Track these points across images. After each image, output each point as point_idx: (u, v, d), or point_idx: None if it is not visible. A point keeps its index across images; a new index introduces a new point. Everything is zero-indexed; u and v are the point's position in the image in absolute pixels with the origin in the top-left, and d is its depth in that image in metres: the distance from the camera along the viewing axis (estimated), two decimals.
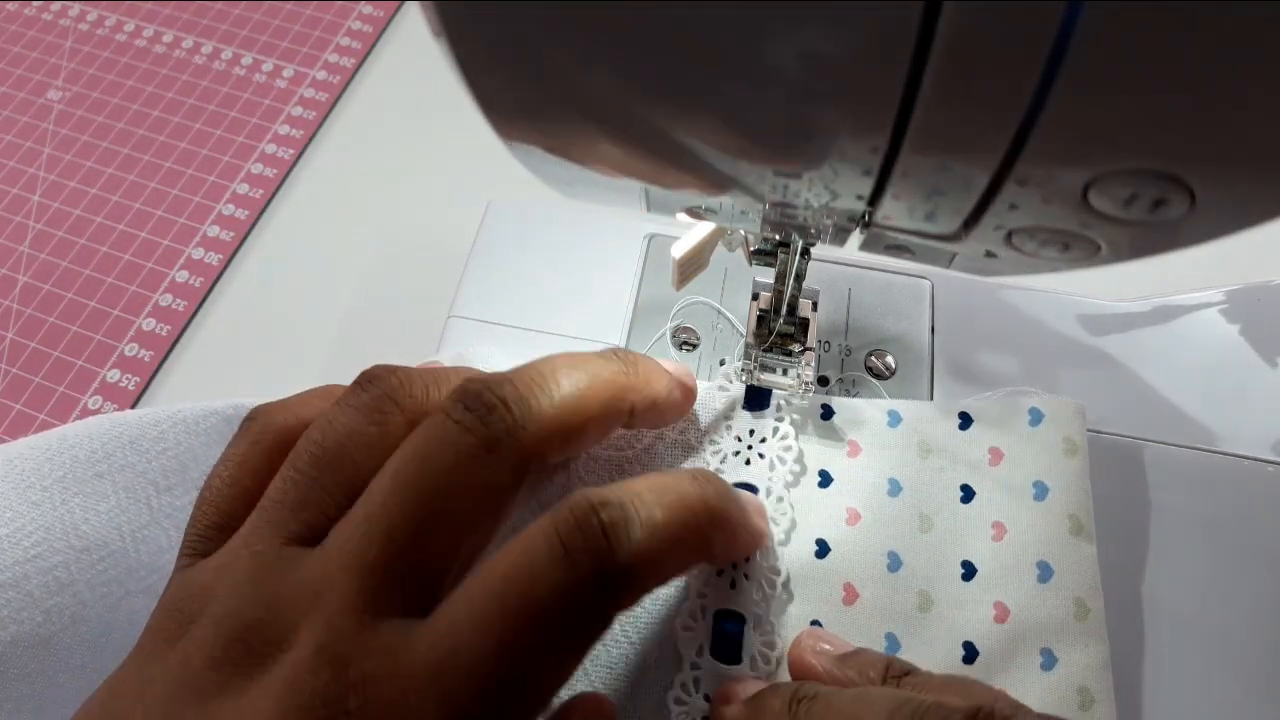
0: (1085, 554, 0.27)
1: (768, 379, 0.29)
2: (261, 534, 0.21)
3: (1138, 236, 0.16)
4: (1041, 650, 0.25)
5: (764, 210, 0.21)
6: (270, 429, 0.23)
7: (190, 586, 0.21)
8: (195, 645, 0.19)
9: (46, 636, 0.24)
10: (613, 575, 0.19)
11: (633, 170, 0.19)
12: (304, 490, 0.21)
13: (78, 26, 0.50)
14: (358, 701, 0.18)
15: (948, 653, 0.25)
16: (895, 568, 0.27)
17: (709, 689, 0.24)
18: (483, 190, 0.38)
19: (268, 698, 0.18)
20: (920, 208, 0.18)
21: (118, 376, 0.38)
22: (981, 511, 0.27)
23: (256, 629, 0.19)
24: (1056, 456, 0.28)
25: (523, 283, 0.35)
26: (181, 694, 0.19)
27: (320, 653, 0.18)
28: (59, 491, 0.26)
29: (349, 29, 0.49)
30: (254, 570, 0.20)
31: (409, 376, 0.22)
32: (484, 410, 0.20)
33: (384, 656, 0.18)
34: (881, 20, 0.12)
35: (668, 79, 0.15)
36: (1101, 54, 0.12)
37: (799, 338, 0.29)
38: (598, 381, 0.23)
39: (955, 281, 0.34)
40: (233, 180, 0.44)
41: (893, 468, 0.28)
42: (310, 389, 0.25)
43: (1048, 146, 0.14)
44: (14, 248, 0.42)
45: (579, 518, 0.20)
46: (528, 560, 0.19)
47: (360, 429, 0.21)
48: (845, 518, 0.27)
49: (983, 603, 0.26)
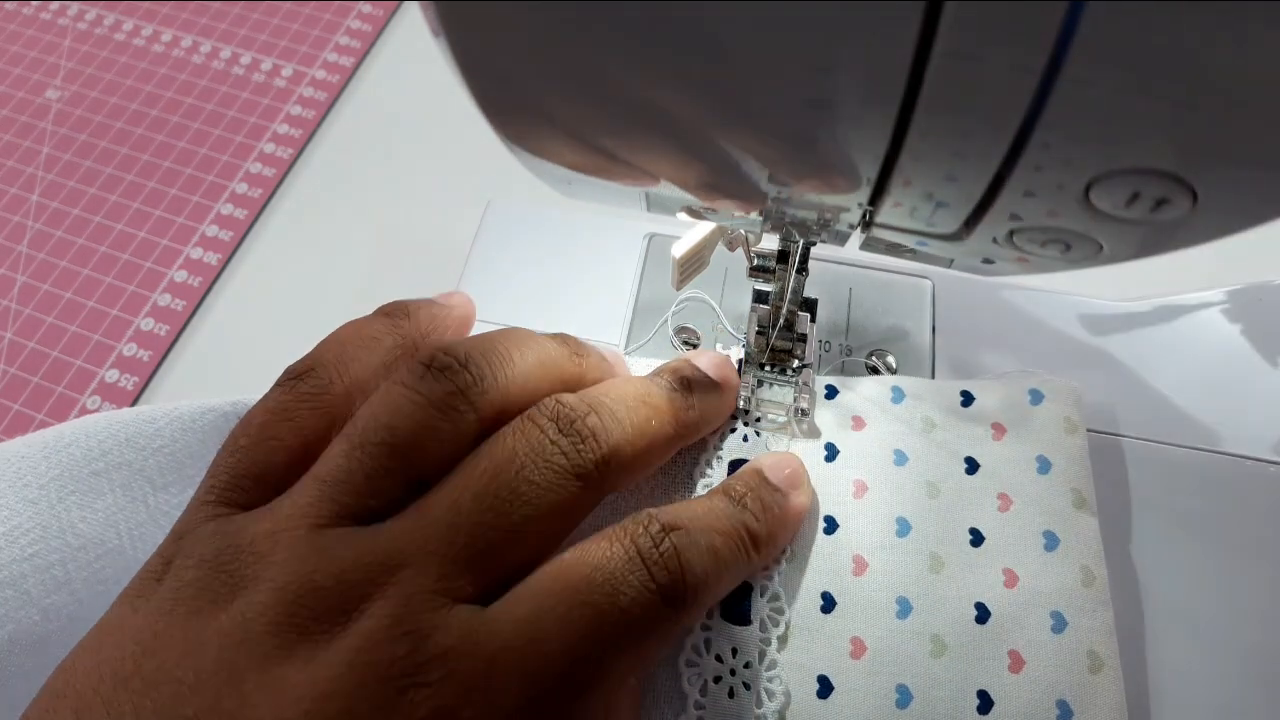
0: (1089, 526, 0.27)
1: (767, 396, 0.29)
2: (323, 509, 0.21)
3: (1140, 236, 0.16)
4: (1051, 613, 0.26)
5: (766, 208, 0.21)
6: (327, 391, 0.23)
7: (238, 546, 0.20)
8: (254, 610, 0.19)
9: (44, 635, 0.24)
10: (681, 597, 0.21)
11: (634, 170, 0.19)
12: (373, 475, 0.21)
13: (76, 25, 0.50)
14: (440, 673, 0.19)
15: (960, 612, 0.26)
16: (904, 533, 0.27)
17: (719, 649, 0.25)
18: (483, 190, 0.38)
19: (340, 664, 0.18)
20: (922, 208, 0.18)
21: (116, 376, 0.38)
22: (986, 483, 0.28)
23: (324, 597, 0.19)
24: (1057, 434, 0.28)
25: (523, 283, 0.35)
26: (241, 659, 0.19)
27: (398, 624, 0.19)
28: (56, 490, 0.25)
29: (348, 28, 0.49)
30: (317, 542, 0.20)
31: (479, 373, 0.23)
32: (576, 438, 0.22)
33: (465, 636, 0.19)
34: (881, 20, 0.12)
35: (668, 79, 0.15)
36: (1102, 53, 0.12)
37: (797, 353, 0.29)
38: (665, 420, 0.25)
39: (956, 281, 0.34)
40: (231, 180, 0.44)
41: (898, 440, 0.28)
42: (340, 332, 0.25)
43: (1049, 146, 0.14)
44: (12, 247, 0.42)
45: (654, 537, 0.22)
46: (608, 567, 0.21)
47: (434, 424, 0.22)
48: (853, 491, 0.27)
49: (992, 568, 0.26)
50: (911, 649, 0.25)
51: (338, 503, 0.21)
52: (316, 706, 0.18)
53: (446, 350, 0.23)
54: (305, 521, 0.20)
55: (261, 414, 0.23)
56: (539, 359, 0.24)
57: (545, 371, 0.24)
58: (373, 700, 0.18)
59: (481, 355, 0.23)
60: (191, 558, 0.21)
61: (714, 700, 0.24)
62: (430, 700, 0.18)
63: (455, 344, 0.23)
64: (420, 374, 0.22)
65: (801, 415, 0.28)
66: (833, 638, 0.25)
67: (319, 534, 0.20)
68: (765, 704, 0.24)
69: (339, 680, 0.18)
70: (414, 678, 0.18)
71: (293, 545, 0.20)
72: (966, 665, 0.25)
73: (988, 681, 0.25)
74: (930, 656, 0.25)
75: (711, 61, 0.14)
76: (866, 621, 0.25)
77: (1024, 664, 0.25)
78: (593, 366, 0.26)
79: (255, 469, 0.22)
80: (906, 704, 0.24)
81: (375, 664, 0.18)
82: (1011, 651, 0.25)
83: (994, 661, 0.25)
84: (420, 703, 0.18)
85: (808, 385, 0.28)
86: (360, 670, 0.18)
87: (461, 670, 0.19)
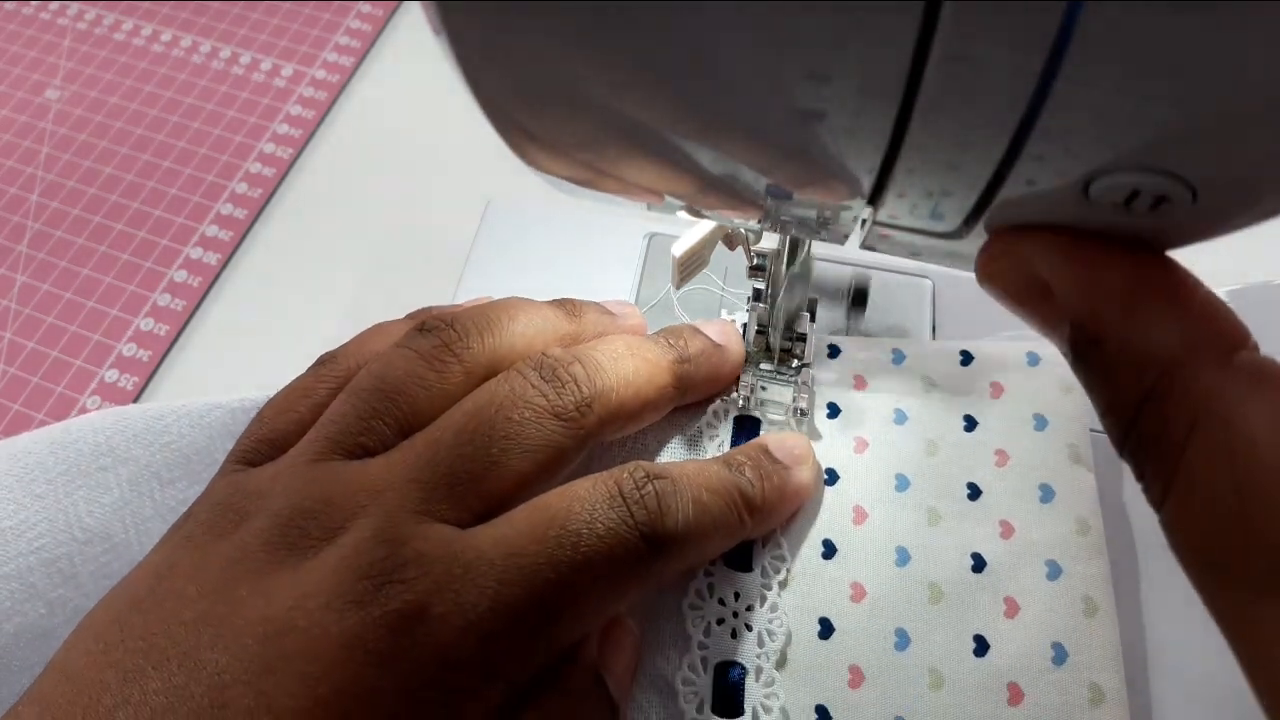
0: (1085, 480, 0.28)
1: (766, 396, 0.29)
2: (318, 447, 0.22)
3: (1139, 234, 0.16)
4: (1046, 562, 0.26)
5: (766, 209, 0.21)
6: (339, 371, 0.25)
7: (243, 489, 0.22)
8: (251, 534, 0.21)
9: (50, 629, 0.25)
10: (660, 539, 0.22)
11: (634, 170, 0.19)
12: (364, 416, 0.23)
13: (75, 25, 0.50)
14: (416, 573, 0.20)
15: (957, 562, 0.26)
16: (904, 488, 0.27)
17: (722, 594, 0.26)
18: (483, 190, 0.38)
19: (324, 569, 0.20)
20: (921, 206, 0.18)
21: (116, 376, 0.38)
22: (984, 439, 0.28)
23: (312, 517, 0.21)
24: (1054, 394, 0.29)
25: (523, 282, 0.35)
26: (237, 573, 0.20)
27: (379, 534, 0.20)
28: (63, 484, 0.26)
29: (348, 28, 0.49)
30: (311, 473, 0.22)
31: (465, 329, 0.24)
32: (558, 383, 0.23)
33: (442, 544, 0.20)
34: (881, 20, 0.12)
35: (668, 78, 0.15)
36: (1102, 52, 0.12)
37: (797, 353, 0.29)
38: (657, 370, 0.25)
39: (957, 280, 0.34)
40: (231, 179, 0.44)
41: (898, 399, 0.29)
42: (367, 330, 0.27)
43: (1048, 145, 0.14)
44: (12, 247, 0.42)
45: (637, 481, 0.22)
46: (589, 500, 0.22)
47: (421, 372, 0.23)
48: (854, 446, 0.28)
49: (988, 520, 0.27)
50: (910, 594, 0.26)
51: (331, 440, 0.22)
52: (299, 604, 0.19)
53: (440, 315, 0.25)
54: (303, 459, 0.22)
55: (286, 393, 0.25)
56: (529, 320, 0.26)
57: (537, 331, 0.25)
58: (349, 595, 0.19)
59: (470, 317, 0.25)
60: (205, 503, 0.22)
61: (717, 640, 0.25)
62: (403, 594, 0.19)
63: (450, 309, 0.25)
64: (412, 335, 0.24)
65: (801, 415, 0.28)
66: (834, 582, 0.26)
67: (313, 467, 0.22)
68: (767, 643, 0.25)
69: (321, 582, 0.20)
70: (390, 575, 0.20)
71: (290, 478, 0.22)
72: (962, 611, 0.25)
73: (983, 626, 0.25)
74: (928, 603, 0.25)
75: (711, 61, 0.14)
76: (867, 568, 0.26)
77: (1019, 609, 0.25)
78: (590, 323, 0.27)
79: (272, 435, 0.24)
80: (905, 647, 0.25)
81: (355, 566, 0.20)
82: (1007, 598, 0.26)
83: (990, 608, 0.25)
84: (394, 595, 0.19)
85: (807, 385, 0.29)
86: (341, 572, 0.20)
87: (436, 571, 0.20)
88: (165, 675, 0.19)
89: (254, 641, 0.19)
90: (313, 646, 0.19)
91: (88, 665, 0.19)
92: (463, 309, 0.26)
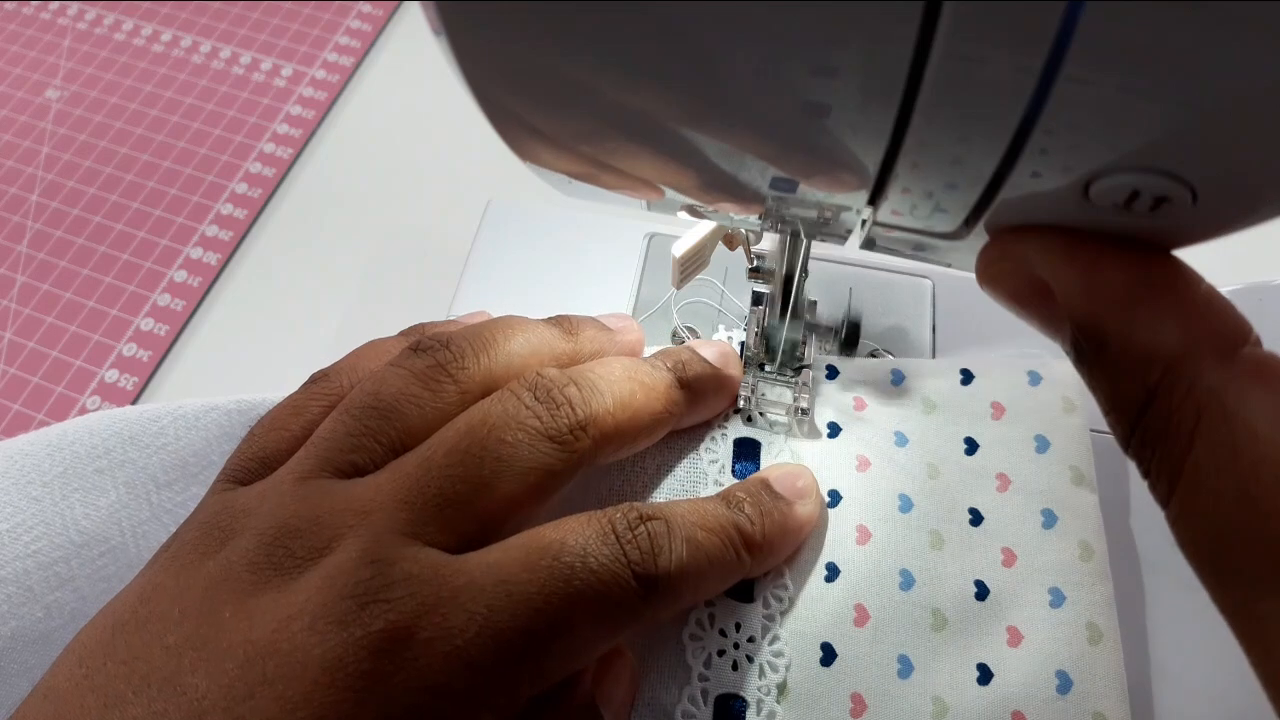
0: (1087, 502, 0.27)
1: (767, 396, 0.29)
2: (308, 465, 0.22)
3: (1140, 235, 0.16)
4: (1050, 589, 0.26)
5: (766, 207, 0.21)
6: (332, 388, 0.25)
7: (230, 508, 0.22)
8: (236, 554, 0.20)
9: (46, 632, 0.24)
10: (652, 579, 0.21)
11: (635, 162, 0.19)
12: (356, 434, 0.22)
13: (76, 25, 0.50)
14: (402, 594, 0.19)
15: (960, 589, 0.26)
16: (907, 509, 0.27)
17: (723, 624, 0.25)
18: (483, 190, 0.38)
19: (309, 590, 0.19)
20: (921, 206, 0.18)
21: (116, 376, 0.38)
22: (985, 463, 0.28)
23: (299, 536, 0.20)
24: (1056, 413, 0.29)
25: (523, 283, 0.35)
26: (221, 594, 0.20)
27: (365, 555, 0.20)
28: (59, 487, 0.26)
29: (348, 28, 0.49)
30: (299, 491, 0.21)
31: (460, 348, 0.24)
32: (552, 404, 0.23)
33: (430, 566, 0.20)
34: (881, 20, 0.12)
35: (668, 77, 0.15)
36: (1101, 53, 0.12)
37: (797, 353, 0.29)
38: (654, 394, 0.25)
39: (957, 281, 0.34)
40: (231, 180, 0.44)
41: (899, 422, 0.29)
42: (360, 347, 0.27)
43: (1049, 144, 0.14)
44: (12, 247, 0.42)
45: (630, 522, 0.22)
46: (583, 534, 0.21)
47: (414, 391, 0.23)
48: (855, 464, 0.28)
49: (990, 547, 0.27)
50: (913, 620, 0.25)
51: (322, 458, 0.22)
52: (282, 626, 0.19)
53: (434, 335, 0.24)
54: (291, 477, 0.22)
55: (277, 410, 0.25)
56: (526, 339, 0.25)
57: (533, 350, 0.25)
58: (332, 616, 0.19)
59: (464, 337, 0.24)
60: (192, 523, 0.22)
61: (718, 672, 0.25)
62: (387, 614, 0.19)
63: (445, 329, 0.25)
64: (407, 354, 0.24)
65: (801, 415, 0.28)
66: (836, 604, 0.25)
67: (302, 485, 0.21)
68: (769, 675, 0.24)
69: (306, 604, 0.19)
70: (375, 595, 0.19)
71: (277, 497, 0.21)
72: (966, 638, 0.25)
73: (986, 654, 0.25)
74: (931, 630, 0.25)
75: (711, 60, 0.14)
76: (870, 589, 0.26)
77: (1022, 638, 0.25)
78: (587, 341, 0.26)
79: (262, 453, 0.24)
80: (908, 674, 0.25)
81: (340, 586, 0.19)
82: (1010, 627, 0.25)
83: (993, 636, 0.25)
84: (378, 615, 0.19)
85: (807, 385, 0.29)
86: (325, 593, 0.19)
87: (422, 594, 0.19)
88: (146, 701, 0.18)
89: (235, 666, 0.19)
90: (294, 670, 0.18)
91: (70, 689, 0.19)
92: (458, 327, 0.25)
